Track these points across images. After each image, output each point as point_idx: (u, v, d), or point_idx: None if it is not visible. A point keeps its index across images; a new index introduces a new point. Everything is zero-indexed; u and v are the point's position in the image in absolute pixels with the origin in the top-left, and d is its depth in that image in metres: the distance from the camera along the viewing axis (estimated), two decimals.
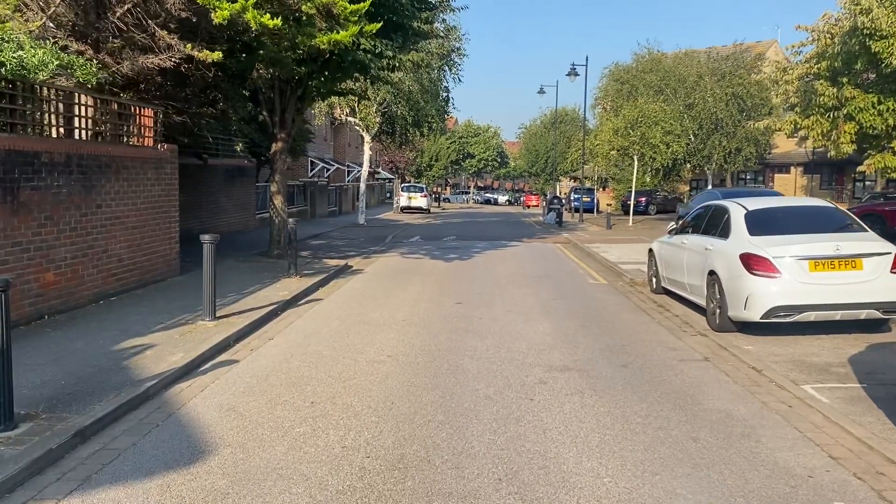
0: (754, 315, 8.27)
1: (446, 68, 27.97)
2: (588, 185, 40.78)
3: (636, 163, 29.42)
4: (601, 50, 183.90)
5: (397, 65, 14.26)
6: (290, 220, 12.63)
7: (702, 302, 9.61)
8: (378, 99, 26.88)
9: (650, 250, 12.44)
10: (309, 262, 15.03)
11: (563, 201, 34.54)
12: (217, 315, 8.90)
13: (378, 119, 27.92)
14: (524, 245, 21.69)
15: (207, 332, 8.18)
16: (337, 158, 48.33)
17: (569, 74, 34.05)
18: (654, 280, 12.16)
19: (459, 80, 34.67)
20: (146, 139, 11.46)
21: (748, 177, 53.01)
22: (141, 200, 10.89)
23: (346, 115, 28.24)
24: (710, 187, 32.80)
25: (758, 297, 8.21)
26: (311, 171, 39.76)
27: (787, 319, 8.21)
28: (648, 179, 34.55)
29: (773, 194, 18.63)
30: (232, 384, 6.52)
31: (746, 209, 9.26)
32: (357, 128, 28.60)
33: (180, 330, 8.27)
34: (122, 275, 10.30)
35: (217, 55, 10.00)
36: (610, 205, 40.89)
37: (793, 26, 21.64)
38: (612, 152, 30.27)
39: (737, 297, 8.44)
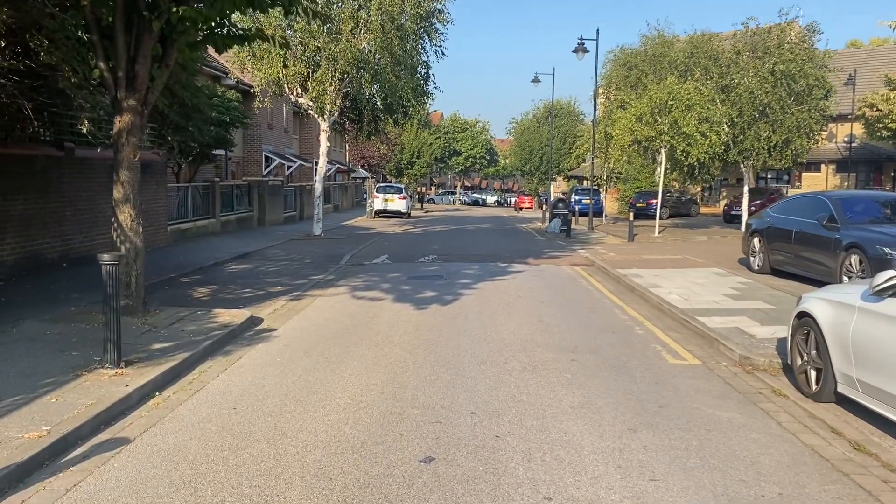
0: None
1: (425, 36, 21.83)
2: (592, 184, 34.61)
3: (664, 157, 23.48)
4: (602, 37, 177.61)
5: None
6: (107, 255, 6.52)
7: None
8: (336, 74, 20.71)
9: (802, 315, 6.50)
10: (184, 318, 8.92)
11: (571, 204, 28.55)
12: None
13: (338, 101, 21.75)
14: (532, 270, 15.63)
15: None
16: (303, 154, 42.17)
17: (576, 51, 28.21)
18: (810, 373, 6.28)
19: (443, 53, 28.42)
20: None
21: (769, 175, 47.19)
22: None
23: (297, 96, 22.00)
24: (746, 188, 26.92)
25: None
26: (267, 167, 33.63)
27: None
28: (658, 179, 28.57)
29: None
30: None
31: None
32: (310, 111, 22.36)
33: None
34: None
35: None
36: (631, 211, 34.91)
37: None
38: (632, 145, 24.29)
39: None
